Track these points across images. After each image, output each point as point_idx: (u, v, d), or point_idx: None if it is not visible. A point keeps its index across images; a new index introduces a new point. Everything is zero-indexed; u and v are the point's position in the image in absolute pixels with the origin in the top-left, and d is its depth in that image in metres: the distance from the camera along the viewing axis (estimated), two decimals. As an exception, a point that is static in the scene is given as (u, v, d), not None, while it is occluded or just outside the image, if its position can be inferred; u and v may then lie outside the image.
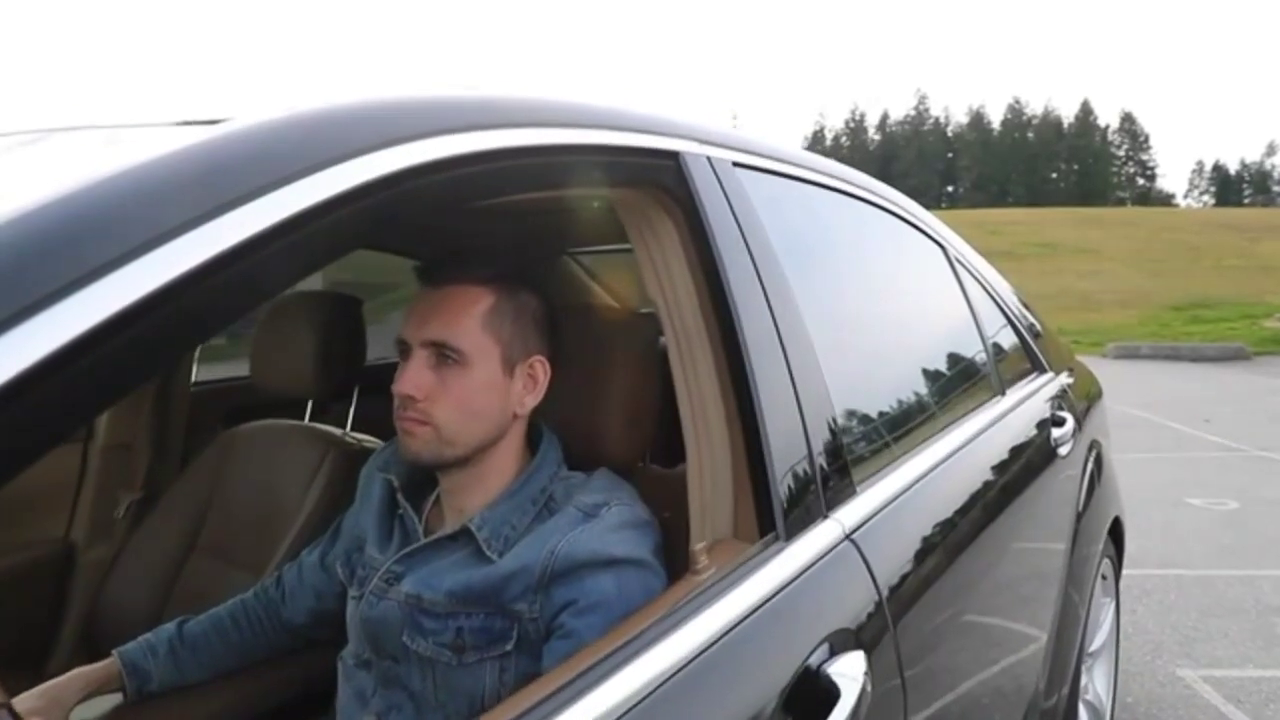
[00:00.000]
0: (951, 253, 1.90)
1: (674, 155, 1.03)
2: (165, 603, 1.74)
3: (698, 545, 0.91)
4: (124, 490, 1.97)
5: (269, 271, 0.56)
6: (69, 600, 1.91)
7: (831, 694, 0.84)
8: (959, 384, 1.79)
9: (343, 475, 1.68)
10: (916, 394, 1.58)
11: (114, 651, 1.27)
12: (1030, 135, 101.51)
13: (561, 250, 2.65)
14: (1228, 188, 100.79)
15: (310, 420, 2.05)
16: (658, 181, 1.01)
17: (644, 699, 0.73)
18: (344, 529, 1.29)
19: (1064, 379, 2.29)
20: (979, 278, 2.02)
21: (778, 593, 0.90)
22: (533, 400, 1.11)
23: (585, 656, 0.76)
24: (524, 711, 0.70)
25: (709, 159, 1.09)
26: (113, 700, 1.26)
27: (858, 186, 1.56)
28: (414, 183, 0.69)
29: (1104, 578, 2.34)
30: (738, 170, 1.16)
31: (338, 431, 1.83)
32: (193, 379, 2.18)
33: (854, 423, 1.25)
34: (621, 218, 1.05)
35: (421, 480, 1.18)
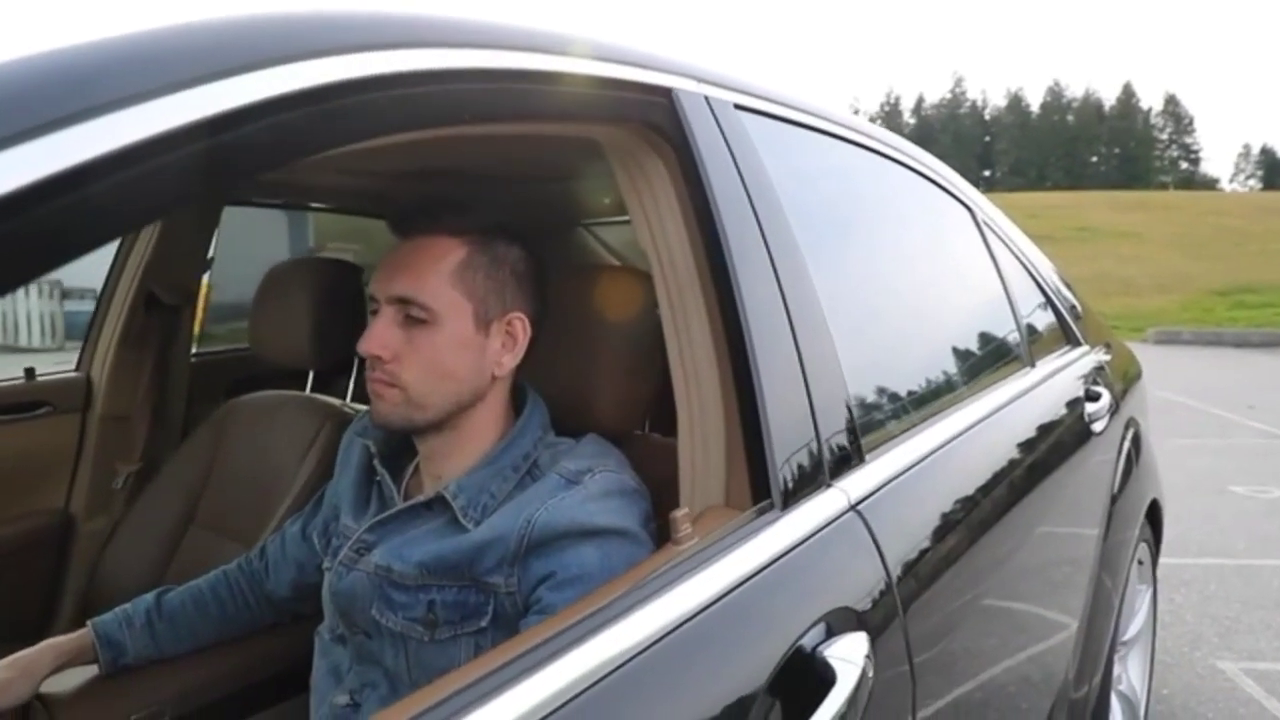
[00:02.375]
0: (979, 215, 1.79)
1: (666, 92, 0.94)
2: (163, 575, 1.70)
3: (679, 512, 0.82)
4: (122, 461, 1.94)
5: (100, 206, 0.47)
6: (68, 572, 1.89)
7: (826, 678, 0.76)
8: (984, 352, 1.69)
9: (339, 446, 1.62)
10: (936, 360, 1.48)
11: (89, 622, 1.22)
12: (1070, 118, 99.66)
13: (575, 221, 2.57)
14: (1276, 171, 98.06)
15: (313, 392, 2.01)
16: (647, 119, 0.92)
17: (608, 675, 0.65)
18: (325, 498, 1.23)
19: (1100, 355, 2.17)
20: (1009, 243, 1.91)
21: (769, 565, 0.81)
22: (511, 360, 1.03)
23: (542, 629, 0.69)
24: (471, 683, 0.62)
25: (707, 98, 1.00)
26: (87, 672, 1.22)
27: (877, 140, 1.46)
28: (356, 98, 0.62)
29: (1140, 563, 2.22)
30: (740, 113, 1.07)
31: (336, 402, 1.78)
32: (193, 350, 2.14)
33: (864, 387, 1.15)
34: (609, 159, 0.97)
35: (401, 446, 1.11)
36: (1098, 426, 1.81)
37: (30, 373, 1.93)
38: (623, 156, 0.96)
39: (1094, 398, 1.85)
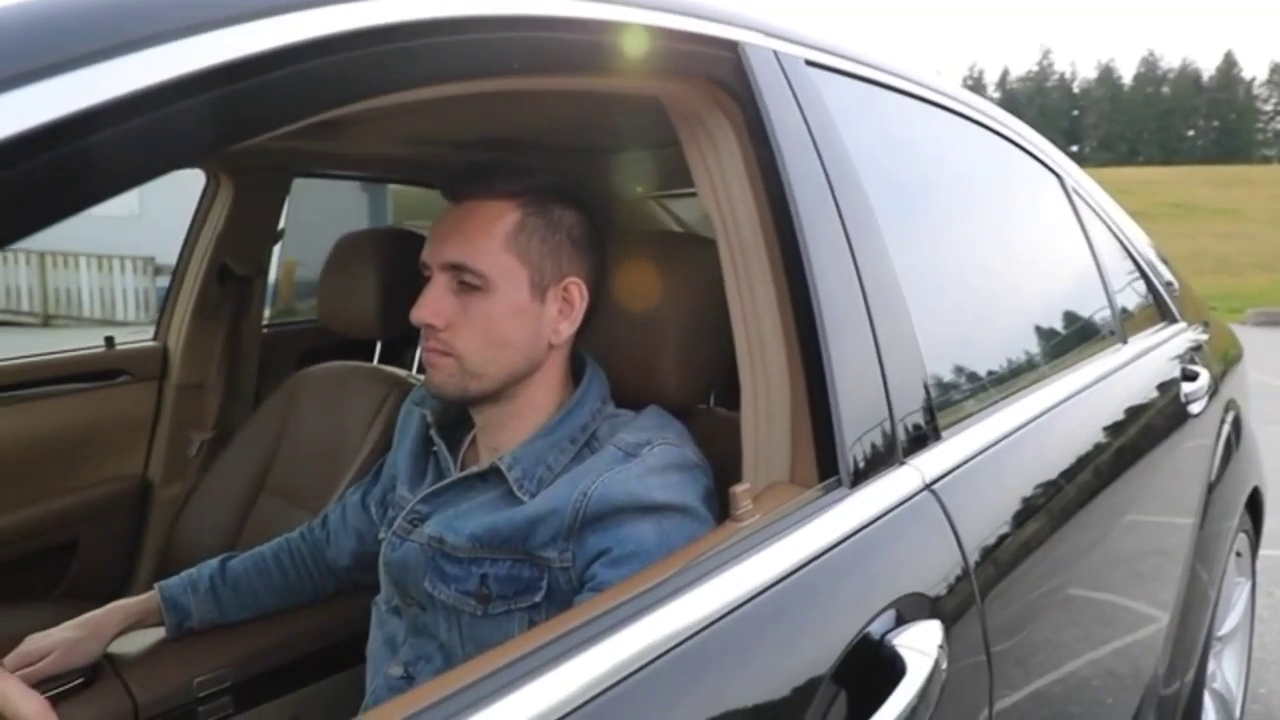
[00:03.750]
0: (1068, 182, 1.69)
1: (733, 45, 0.89)
2: (235, 541, 1.74)
3: (740, 487, 0.78)
4: (196, 430, 1.97)
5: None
6: (146, 535, 1.94)
7: (896, 668, 0.71)
8: (1072, 326, 1.59)
9: (401, 417, 1.63)
10: (1021, 334, 1.40)
11: (155, 585, 1.24)
12: (1165, 90, 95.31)
13: (646, 194, 2.53)
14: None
15: (380, 362, 2.02)
16: (711, 75, 0.87)
17: (661, 656, 0.62)
18: (385, 468, 1.22)
19: (1198, 333, 2.04)
20: (1100, 212, 1.79)
21: (836, 545, 0.77)
22: (569, 327, 1.00)
23: (594, 606, 0.65)
24: (521, 657, 0.60)
25: (776, 54, 0.95)
26: (154, 634, 1.24)
27: (959, 101, 1.38)
28: (392, 45, 0.58)
29: (1238, 555, 2.10)
30: (811, 70, 1.01)
31: (402, 373, 1.78)
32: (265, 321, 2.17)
33: (943, 361, 1.09)
34: (671, 117, 0.92)
35: (458, 416, 1.09)
36: (1195, 408, 1.70)
37: (110, 341, 1.98)
38: (686, 115, 0.91)
39: (1191, 377, 1.74)
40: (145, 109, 0.46)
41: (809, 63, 1.01)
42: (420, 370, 1.94)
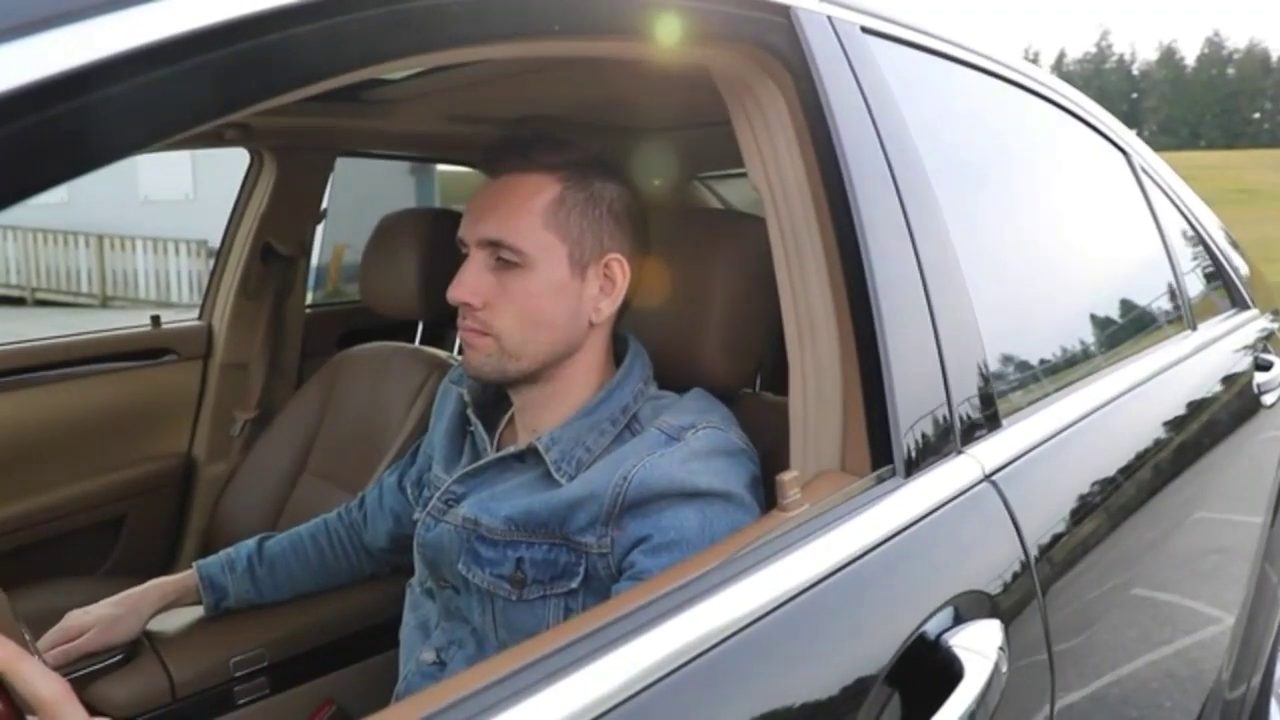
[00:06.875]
0: (1136, 161, 1.61)
1: (784, 9, 0.84)
2: (277, 521, 1.74)
3: (787, 474, 0.74)
4: (240, 409, 1.98)
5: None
6: (191, 513, 1.95)
7: (953, 671, 0.66)
8: (1139, 311, 1.52)
9: (441, 397, 1.61)
10: (1085, 319, 1.33)
11: (194, 564, 1.24)
12: (1230, 71, 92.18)
13: (690, 175, 2.48)
14: None
15: (422, 343, 2.00)
16: (761, 41, 0.83)
17: (704, 652, 0.58)
18: (422, 448, 1.20)
19: (1270, 321, 1.95)
20: (1169, 192, 1.71)
21: (889, 538, 0.72)
22: (610, 306, 0.96)
23: (633, 596, 0.62)
24: (557, 650, 0.57)
25: (830, 19, 0.90)
26: (193, 613, 1.24)
27: (1021, 74, 1.31)
28: (411, 4, 0.55)
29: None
30: (867, 37, 0.96)
31: (443, 354, 1.76)
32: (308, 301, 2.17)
33: (1004, 346, 1.03)
34: (718, 86, 0.88)
35: (495, 396, 1.07)
36: (1269, 399, 1.62)
37: (156, 320, 1.99)
38: (734, 85, 0.87)
39: (1265, 367, 1.65)
40: (157, 64, 0.43)
41: (865, 29, 0.96)
42: (461, 352, 1.93)
